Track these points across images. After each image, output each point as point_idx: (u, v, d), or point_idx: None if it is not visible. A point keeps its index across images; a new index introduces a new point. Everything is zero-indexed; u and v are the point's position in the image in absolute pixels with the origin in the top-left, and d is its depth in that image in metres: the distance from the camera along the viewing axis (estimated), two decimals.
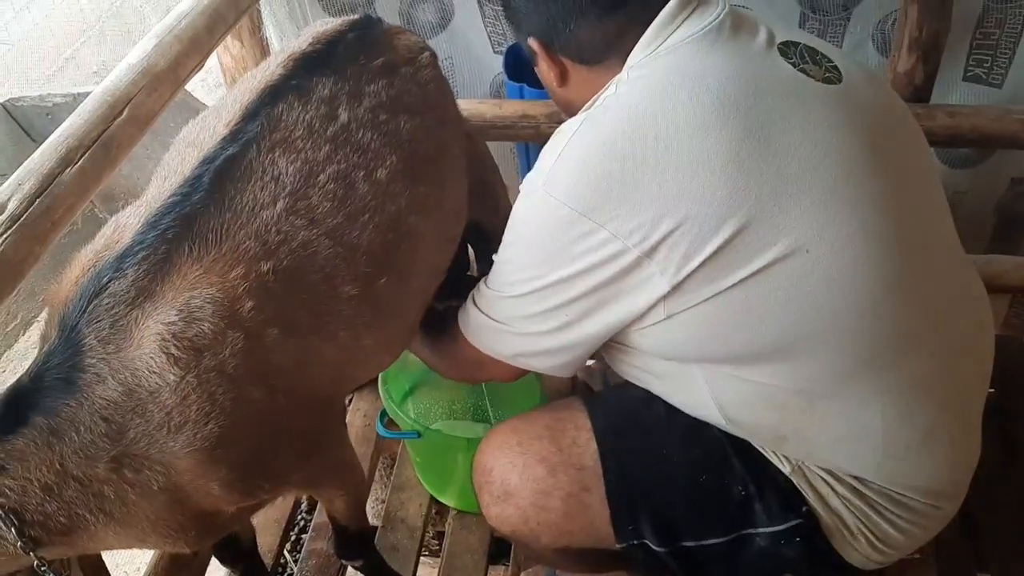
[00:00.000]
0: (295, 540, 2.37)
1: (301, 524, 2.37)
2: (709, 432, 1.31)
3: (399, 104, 1.37)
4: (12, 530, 1.05)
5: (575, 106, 1.28)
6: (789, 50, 1.24)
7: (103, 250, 1.15)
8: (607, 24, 1.25)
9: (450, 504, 2.04)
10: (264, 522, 1.98)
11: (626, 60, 1.25)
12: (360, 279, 1.25)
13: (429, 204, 1.37)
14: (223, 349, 1.09)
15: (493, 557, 1.96)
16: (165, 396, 1.07)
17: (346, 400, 2.28)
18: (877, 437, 1.23)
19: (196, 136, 1.28)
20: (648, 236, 1.13)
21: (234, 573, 1.77)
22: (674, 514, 1.32)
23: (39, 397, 1.06)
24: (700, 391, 1.27)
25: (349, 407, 2.27)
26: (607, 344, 1.30)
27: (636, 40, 1.24)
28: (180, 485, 1.12)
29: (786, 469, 1.29)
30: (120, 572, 2.41)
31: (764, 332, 1.18)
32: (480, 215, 1.60)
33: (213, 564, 1.81)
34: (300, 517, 2.35)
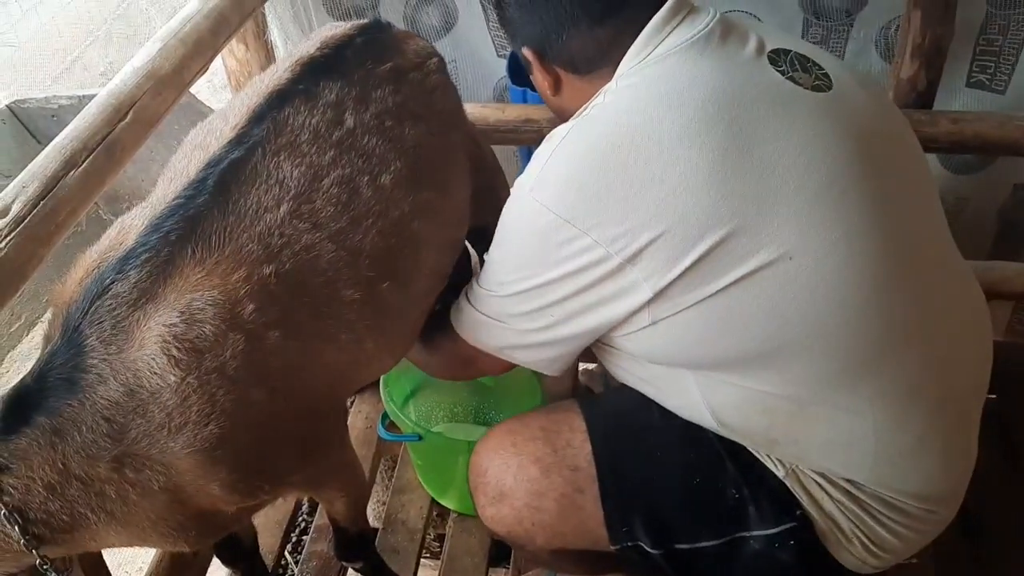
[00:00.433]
0: (296, 541, 2.37)
1: (302, 525, 2.37)
2: (703, 435, 1.32)
3: (405, 110, 1.38)
4: (16, 528, 1.06)
5: (568, 114, 1.29)
6: (779, 58, 1.25)
7: (107, 251, 1.16)
8: (599, 33, 1.27)
9: (451, 507, 2.05)
10: (265, 523, 1.99)
11: (617, 69, 1.26)
12: (362, 283, 1.25)
13: (433, 209, 1.38)
14: (224, 351, 1.10)
15: (494, 560, 1.97)
16: (166, 397, 1.08)
17: (348, 402, 2.29)
18: (869, 442, 1.23)
19: (202, 139, 1.29)
20: (630, 244, 1.14)
21: (235, 573, 1.78)
22: (668, 516, 1.33)
23: (42, 397, 1.06)
24: (692, 394, 1.28)
25: (351, 409, 2.28)
26: (601, 347, 1.31)
27: (627, 49, 1.25)
28: (181, 485, 1.13)
29: (779, 472, 1.29)
30: (122, 572, 2.42)
31: (749, 339, 1.18)
32: (484, 220, 1.60)
33: (214, 564, 1.82)
34: (301, 519, 2.35)
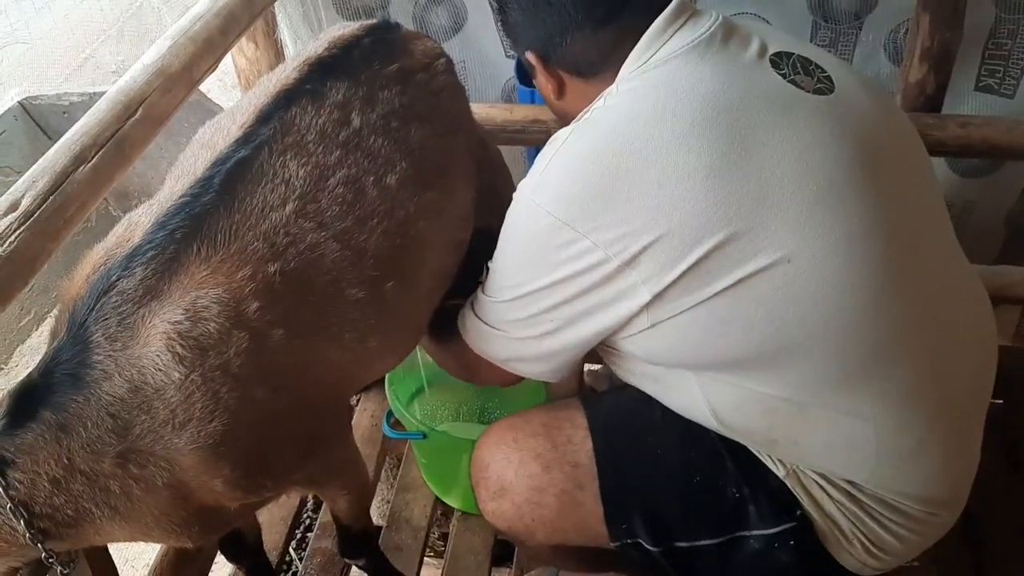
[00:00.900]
0: (301, 538, 2.38)
1: (307, 522, 2.38)
2: (704, 434, 1.32)
3: (412, 110, 1.38)
4: (21, 522, 1.07)
5: (572, 117, 1.30)
6: (781, 61, 1.25)
7: (114, 248, 1.17)
8: (601, 37, 1.27)
9: (455, 505, 2.06)
10: (270, 520, 2.00)
11: (619, 72, 1.26)
12: (367, 282, 1.26)
13: (438, 210, 1.38)
14: (228, 349, 1.11)
15: (497, 559, 1.98)
16: (170, 394, 1.08)
17: (353, 400, 2.30)
18: (870, 444, 1.23)
19: (210, 138, 1.30)
20: (629, 247, 1.15)
21: (239, 570, 1.79)
22: (667, 514, 1.33)
23: (48, 392, 1.07)
24: (693, 394, 1.28)
25: (356, 407, 2.29)
26: (603, 348, 1.31)
27: (629, 52, 1.26)
28: (184, 481, 1.14)
29: (780, 472, 1.29)
30: (129, 567, 2.43)
31: (748, 341, 1.18)
32: (490, 221, 1.61)
33: (219, 559, 1.83)
34: (306, 515, 2.36)
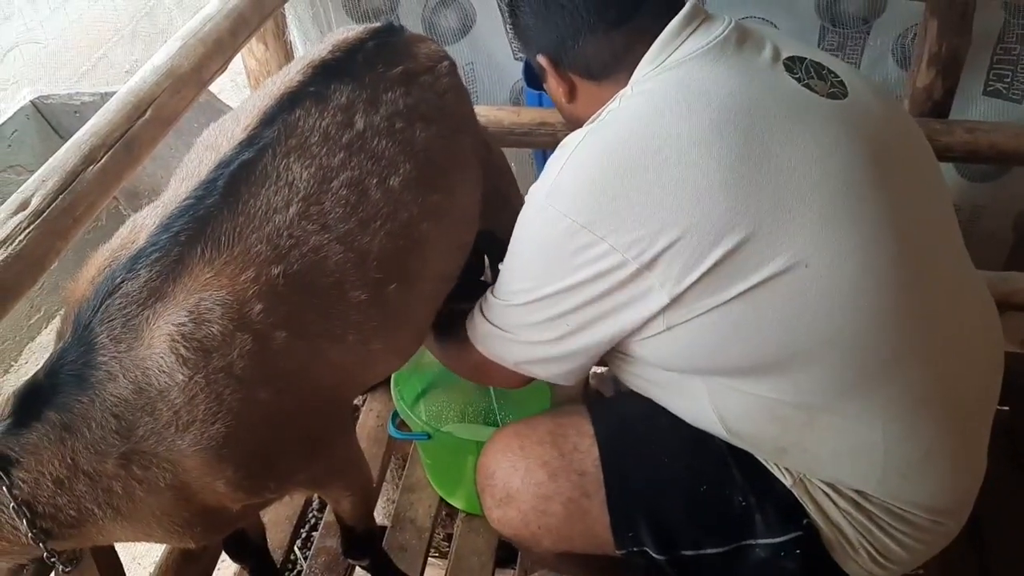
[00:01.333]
0: (306, 537, 2.39)
1: (312, 521, 2.39)
2: (711, 442, 1.32)
3: (416, 113, 1.39)
4: (24, 522, 1.08)
5: (582, 121, 1.29)
6: (794, 65, 1.25)
7: (119, 250, 1.18)
8: (614, 39, 1.27)
9: (459, 506, 2.06)
10: (275, 519, 2.01)
11: (632, 75, 1.26)
12: (370, 284, 1.26)
13: (441, 212, 1.39)
14: (231, 351, 1.11)
15: (501, 561, 1.98)
16: (174, 395, 1.09)
17: (359, 400, 2.31)
18: (878, 452, 1.23)
19: (214, 139, 1.30)
20: (647, 249, 1.14)
21: (243, 569, 1.80)
22: (674, 522, 1.33)
23: (53, 393, 1.08)
24: (701, 401, 1.28)
25: (363, 407, 2.29)
26: (611, 353, 1.31)
27: (642, 55, 1.26)
28: (187, 483, 1.15)
29: (787, 481, 1.29)
30: (136, 565, 2.44)
31: (763, 345, 1.18)
32: (494, 223, 1.61)
33: (224, 558, 1.84)
34: (311, 515, 2.37)
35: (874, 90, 1.31)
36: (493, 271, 1.89)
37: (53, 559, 1.13)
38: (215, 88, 2.20)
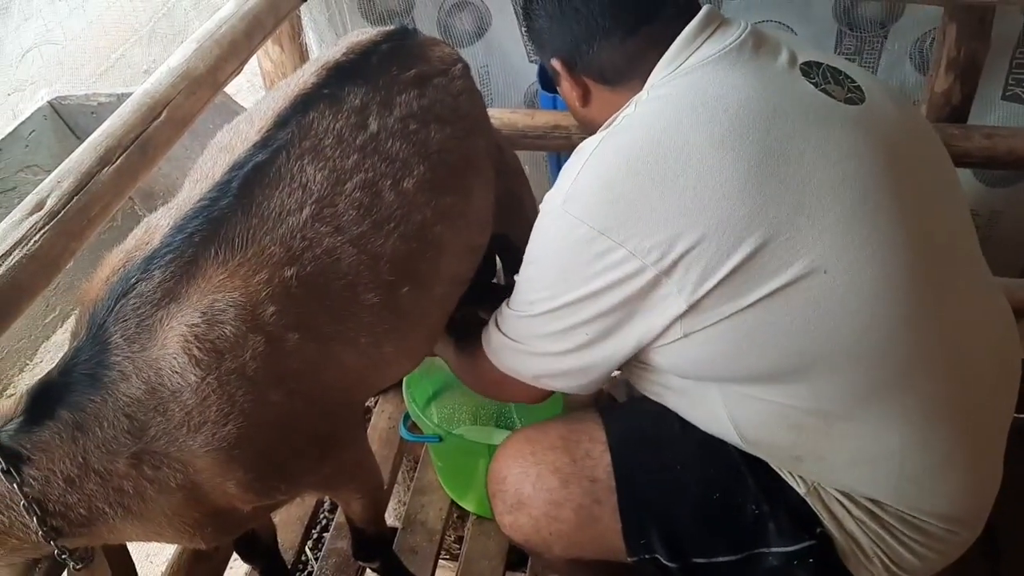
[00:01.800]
0: (316, 539, 2.40)
1: (323, 523, 2.39)
2: (724, 449, 1.31)
3: (429, 115, 1.39)
4: (34, 519, 1.09)
5: (596, 125, 1.29)
6: (811, 70, 1.24)
7: (133, 251, 1.18)
8: (629, 44, 1.26)
9: (470, 509, 2.06)
10: (286, 520, 2.02)
11: (647, 80, 1.26)
12: (383, 287, 1.26)
13: (455, 214, 1.39)
14: (244, 352, 1.12)
15: (512, 565, 1.97)
16: (186, 396, 1.09)
17: (371, 402, 2.31)
18: (895, 460, 1.22)
19: (229, 141, 1.31)
20: (666, 255, 1.13)
21: (254, 569, 1.80)
22: (685, 530, 1.32)
23: (66, 392, 1.09)
24: (716, 409, 1.27)
25: (375, 409, 2.29)
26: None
27: (657, 60, 1.25)
28: (197, 483, 1.15)
29: (801, 490, 1.28)
30: (149, 563, 2.45)
31: (781, 352, 1.17)
32: (507, 226, 1.61)
33: (235, 559, 1.85)
34: (323, 516, 2.37)
35: (891, 95, 1.30)
36: (507, 276, 1.89)
37: (64, 556, 1.14)
38: (231, 89, 2.21)
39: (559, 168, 2.21)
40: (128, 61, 4.95)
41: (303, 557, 2.15)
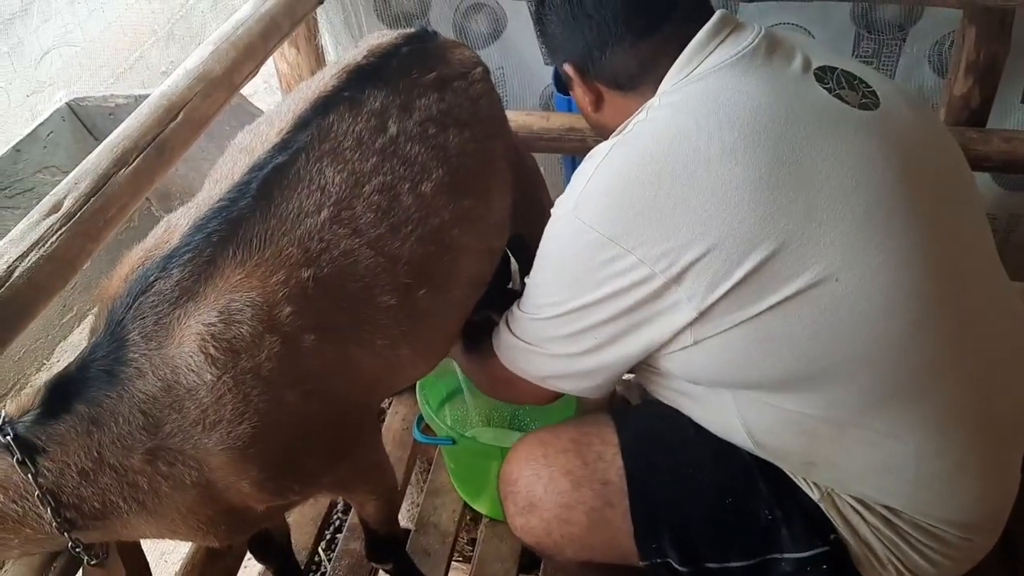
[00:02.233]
0: (330, 539, 2.40)
1: (337, 523, 2.40)
2: (737, 454, 1.30)
3: (449, 118, 1.39)
4: (48, 510, 1.09)
5: (609, 130, 1.29)
6: (825, 75, 1.23)
7: (153, 249, 1.19)
8: (642, 50, 1.26)
9: (483, 511, 2.06)
10: (300, 520, 2.02)
11: (659, 85, 1.25)
12: (400, 289, 1.27)
13: (473, 217, 1.39)
14: (260, 352, 1.12)
15: (524, 567, 1.97)
16: (202, 394, 1.10)
17: (385, 403, 2.31)
18: (909, 468, 1.21)
19: (249, 142, 1.31)
20: (675, 262, 1.13)
21: (268, 569, 1.81)
22: (698, 535, 1.31)
23: (83, 386, 1.10)
24: (729, 414, 1.27)
25: (388, 410, 2.30)
26: (638, 364, 1.30)
27: (670, 65, 1.25)
28: (212, 481, 1.15)
29: (815, 495, 1.27)
30: (164, 562, 2.47)
31: (792, 360, 1.17)
32: (525, 228, 1.61)
33: (248, 559, 1.85)
34: (336, 517, 2.38)
35: (907, 99, 1.29)
36: (523, 279, 1.89)
37: (78, 549, 1.14)
38: (248, 91, 2.22)
39: (573, 170, 2.22)
40: (146, 63, 4.98)
41: (316, 558, 2.16)
